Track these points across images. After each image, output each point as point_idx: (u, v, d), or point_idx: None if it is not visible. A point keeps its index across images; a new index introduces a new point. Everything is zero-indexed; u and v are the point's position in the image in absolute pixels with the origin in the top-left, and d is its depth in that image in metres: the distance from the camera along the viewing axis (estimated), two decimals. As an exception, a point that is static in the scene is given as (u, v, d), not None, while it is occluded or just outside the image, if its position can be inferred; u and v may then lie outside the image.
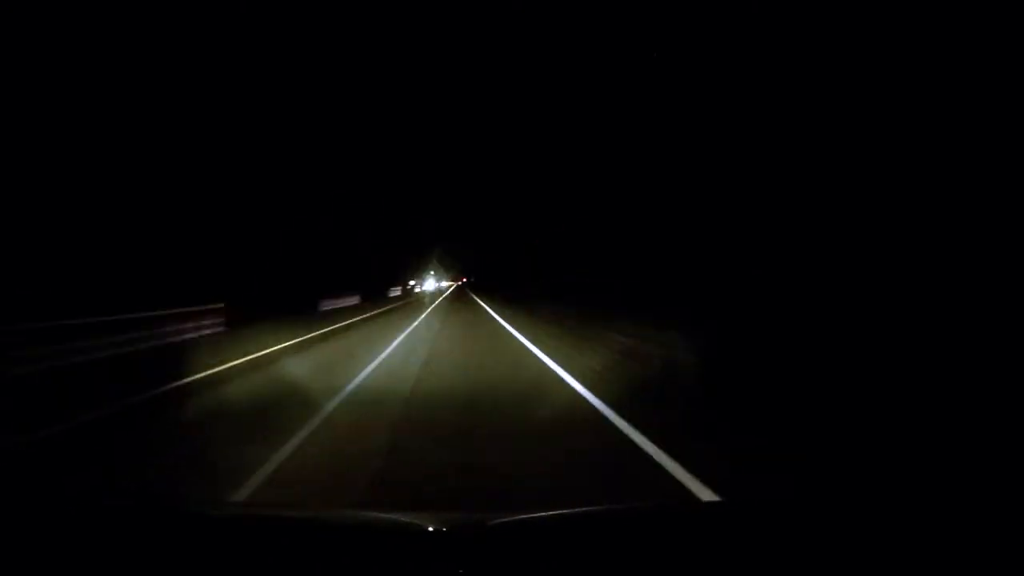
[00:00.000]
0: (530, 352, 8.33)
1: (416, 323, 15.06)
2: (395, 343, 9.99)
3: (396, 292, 45.81)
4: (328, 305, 22.22)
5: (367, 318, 17.66)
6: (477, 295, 40.57)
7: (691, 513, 1.51)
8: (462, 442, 3.64)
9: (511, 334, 11.27)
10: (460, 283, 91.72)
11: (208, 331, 12.06)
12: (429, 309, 22.88)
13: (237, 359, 8.03)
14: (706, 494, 2.60)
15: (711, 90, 11.06)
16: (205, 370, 7.08)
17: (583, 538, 1.07)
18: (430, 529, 1.11)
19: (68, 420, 4.61)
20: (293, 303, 18.39)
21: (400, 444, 3.66)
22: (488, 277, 63.27)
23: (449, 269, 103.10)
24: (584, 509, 1.35)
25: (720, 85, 10.66)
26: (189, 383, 6.37)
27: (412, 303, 30.96)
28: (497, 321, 15.06)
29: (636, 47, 13.63)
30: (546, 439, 3.68)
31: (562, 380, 5.98)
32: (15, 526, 1.07)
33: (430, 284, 64.27)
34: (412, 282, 54.15)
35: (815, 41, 8.13)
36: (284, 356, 8.58)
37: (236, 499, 2.67)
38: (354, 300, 27.44)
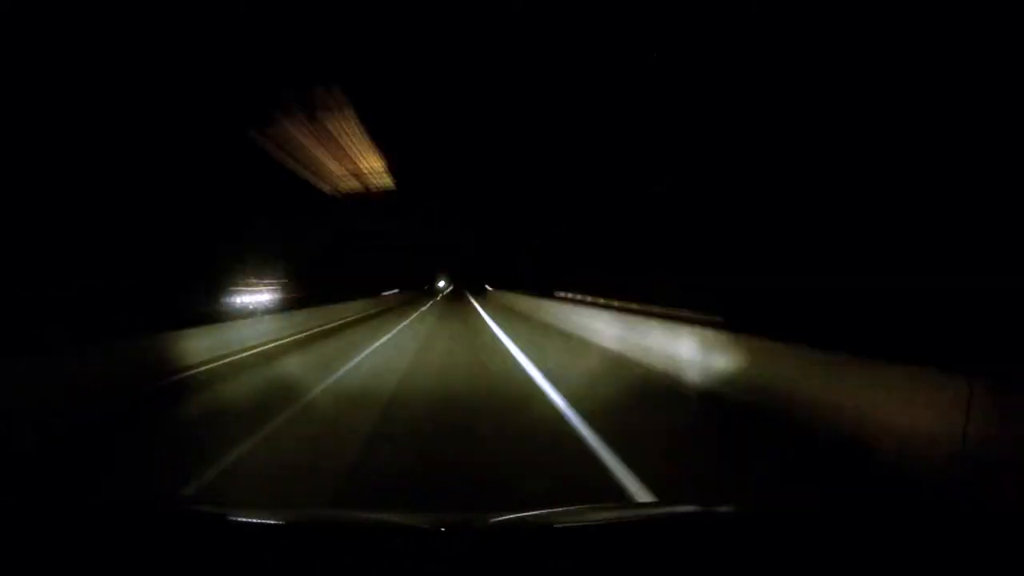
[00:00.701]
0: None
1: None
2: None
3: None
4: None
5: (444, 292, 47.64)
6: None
7: (691, 513, 1.51)
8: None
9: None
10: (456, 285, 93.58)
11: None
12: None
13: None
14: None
15: (711, 90, 11.06)
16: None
17: (583, 538, 1.07)
18: (430, 529, 1.11)
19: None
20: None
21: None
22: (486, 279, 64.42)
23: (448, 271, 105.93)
24: (584, 508, 1.35)
25: (720, 86, 10.66)
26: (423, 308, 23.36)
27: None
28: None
29: (637, 47, 13.63)
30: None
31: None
32: (15, 525, 1.06)
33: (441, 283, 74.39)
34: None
35: (814, 42, 8.14)
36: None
37: (234, 498, 2.67)
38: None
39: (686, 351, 5.49)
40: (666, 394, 5.08)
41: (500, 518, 1.12)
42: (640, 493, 2.55)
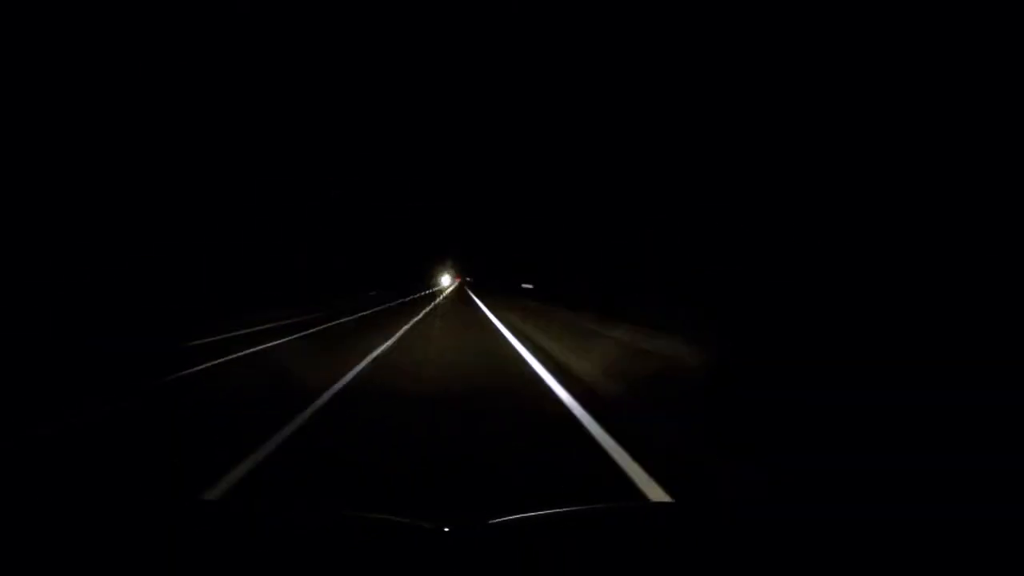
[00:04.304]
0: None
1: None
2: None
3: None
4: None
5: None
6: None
7: (691, 513, 1.51)
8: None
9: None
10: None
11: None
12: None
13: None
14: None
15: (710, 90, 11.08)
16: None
17: (582, 538, 1.07)
18: (430, 529, 1.11)
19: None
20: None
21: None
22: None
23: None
24: (583, 508, 1.35)
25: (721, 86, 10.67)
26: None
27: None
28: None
29: (637, 48, 13.64)
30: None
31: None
32: (13, 524, 1.07)
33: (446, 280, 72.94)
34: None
35: (812, 43, 8.14)
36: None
37: (235, 498, 2.68)
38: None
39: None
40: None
41: (500, 519, 1.12)
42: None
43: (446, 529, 1.09)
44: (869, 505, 1.26)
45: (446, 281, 55.71)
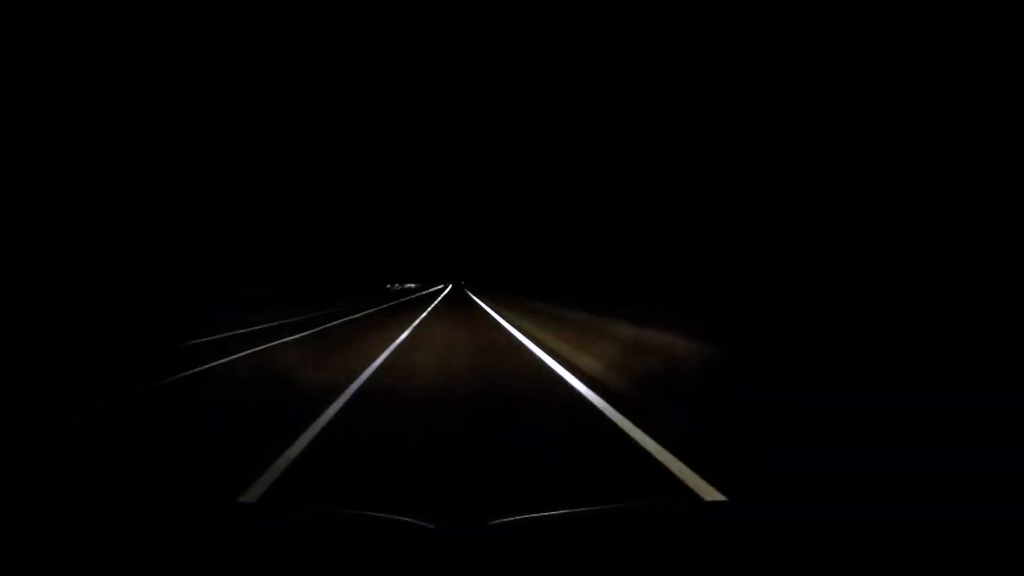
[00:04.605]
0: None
1: None
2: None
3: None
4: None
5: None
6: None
7: (692, 513, 1.51)
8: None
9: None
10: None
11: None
12: None
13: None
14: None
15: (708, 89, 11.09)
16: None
17: (583, 538, 1.07)
18: (430, 529, 1.11)
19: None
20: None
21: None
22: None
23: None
24: (584, 509, 1.34)
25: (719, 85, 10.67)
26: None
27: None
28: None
29: (633, 47, 13.65)
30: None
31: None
32: (18, 525, 1.06)
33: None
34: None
35: (811, 43, 8.14)
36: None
37: (236, 499, 2.68)
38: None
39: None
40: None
41: (501, 519, 1.11)
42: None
43: (446, 529, 1.08)
44: (870, 504, 1.25)
45: None
